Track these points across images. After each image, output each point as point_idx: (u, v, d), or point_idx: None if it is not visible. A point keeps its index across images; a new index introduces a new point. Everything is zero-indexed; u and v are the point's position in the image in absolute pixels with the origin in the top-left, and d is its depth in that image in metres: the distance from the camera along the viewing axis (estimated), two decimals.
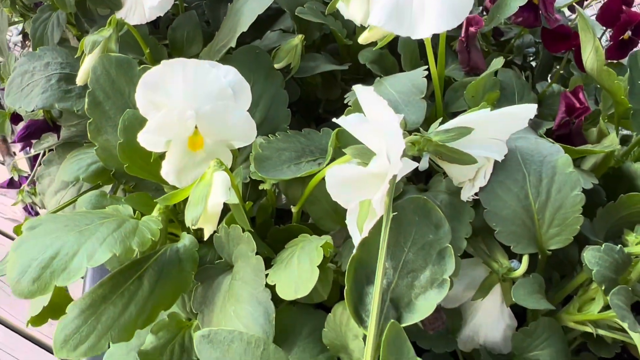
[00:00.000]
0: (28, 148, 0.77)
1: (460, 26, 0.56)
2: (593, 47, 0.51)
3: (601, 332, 0.44)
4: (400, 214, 0.38)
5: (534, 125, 0.56)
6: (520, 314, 0.49)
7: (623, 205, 0.47)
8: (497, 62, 0.50)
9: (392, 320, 0.33)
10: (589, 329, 0.44)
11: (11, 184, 0.74)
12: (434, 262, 0.38)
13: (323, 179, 0.42)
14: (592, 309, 0.43)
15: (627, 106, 0.54)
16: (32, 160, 0.73)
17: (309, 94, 0.64)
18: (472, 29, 0.54)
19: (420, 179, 0.53)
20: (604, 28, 0.71)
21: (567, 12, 0.75)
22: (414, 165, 0.40)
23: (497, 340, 0.46)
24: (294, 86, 0.58)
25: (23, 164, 1.05)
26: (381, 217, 0.37)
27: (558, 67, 0.67)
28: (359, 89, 0.39)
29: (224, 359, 0.35)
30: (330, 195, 0.40)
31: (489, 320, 0.45)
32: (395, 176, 0.37)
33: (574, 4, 0.54)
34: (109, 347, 0.41)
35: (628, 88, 0.55)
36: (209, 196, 0.38)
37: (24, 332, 1.82)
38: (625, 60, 0.69)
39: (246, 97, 0.43)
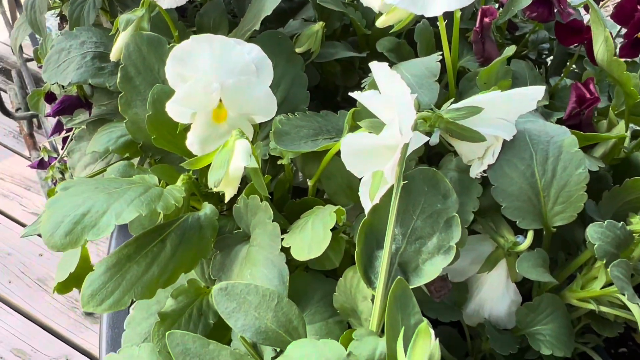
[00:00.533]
0: (57, 134, 0.81)
1: (475, 17, 0.59)
2: (604, 38, 0.53)
3: (603, 308, 0.45)
4: (410, 184, 0.41)
5: (545, 115, 0.58)
6: (525, 295, 0.50)
7: (628, 189, 0.49)
8: (509, 50, 0.52)
9: (399, 277, 0.35)
10: (591, 306, 0.45)
11: (41, 164, 0.78)
12: (441, 230, 0.40)
13: (338, 154, 0.45)
14: (594, 286, 0.45)
15: (637, 97, 0.56)
16: (62, 142, 0.76)
17: (328, 82, 0.66)
18: (486, 20, 0.56)
19: (432, 163, 0.55)
20: (619, 27, 0.73)
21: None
22: (425, 139, 0.42)
23: (502, 315, 0.47)
24: (314, 71, 0.61)
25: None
26: (392, 186, 0.39)
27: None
28: (374, 65, 0.42)
29: (240, 310, 0.37)
30: (345, 167, 0.42)
31: (494, 295, 0.47)
32: (406, 146, 0.39)
33: (589, 1, 0.56)
34: (131, 303, 0.44)
35: None
36: (231, 161, 0.41)
37: (41, 323, 1.87)
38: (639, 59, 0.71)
39: (268, 74, 0.46)
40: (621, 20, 0.70)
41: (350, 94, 0.42)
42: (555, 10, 0.63)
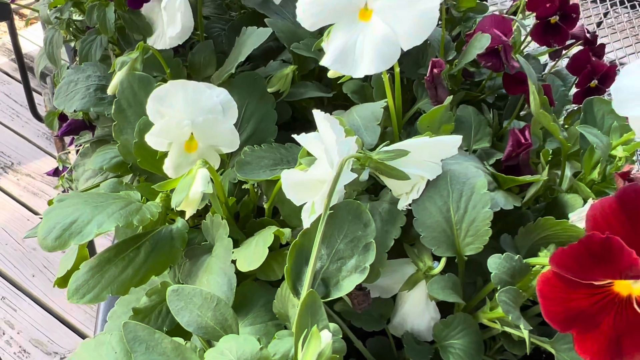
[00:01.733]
0: (73, 146, 0.91)
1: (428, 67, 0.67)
2: (533, 93, 0.60)
3: (506, 329, 0.52)
4: (337, 213, 0.49)
5: (488, 155, 0.66)
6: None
7: (541, 227, 0.55)
8: (448, 99, 0.60)
9: (310, 290, 0.43)
10: (497, 326, 0.53)
11: (56, 172, 0.88)
12: (360, 253, 0.48)
13: None
14: (499, 308, 0.52)
15: (567, 147, 0.63)
16: (75, 154, 0.87)
17: (304, 115, 0.75)
18: (435, 71, 0.64)
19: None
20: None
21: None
22: (353, 176, 0.50)
23: (422, 329, 0.55)
24: (287, 107, 0.69)
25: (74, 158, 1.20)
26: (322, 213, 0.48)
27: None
28: (315, 112, 0.50)
29: (186, 309, 0.46)
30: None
31: (416, 311, 0.54)
32: (335, 181, 0.48)
33: (516, 56, 0.63)
34: (109, 297, 0.53)
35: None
36: (192, 186, 0.50)
37: (60, 316, 1.99)
38: None
39: (233, 113, 0.55)
40: (574, 71, 0.77)
41: (293, 135, 0.50)
42: None
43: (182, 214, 0.61)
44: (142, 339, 0.43)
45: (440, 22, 0.72)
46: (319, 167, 0.47)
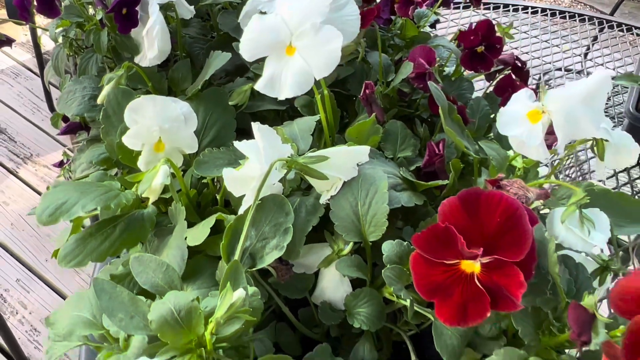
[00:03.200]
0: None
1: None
2: (441, 114, 0.73)
3: (400, 300, 0.65)
4: (265, 203, 0.62)
5: (410, 162, 0.79)
6: None
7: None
8: (372, 117, 0.73)
9: (235, 259, 0.57)
10: (394, 298, 0.66)
11: (61, 164, 1.04)
12: (280, 235, 0.62)
13: None
14: None
15: (476, 156, 0.76)
16: None
17: (263, 123, 0.89)
18: (367, 91, 0.78)
19: None
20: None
21: None
22: (280, 175, 0.64)
23: (337, 300, 0.68)
24: (247, 117, 0.83)
25: None
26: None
27: None
28: (253, 124, 0.64)
29: (144, 272, 0.60)
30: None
31: (332, 285, 0.68)
32: (265, 178, 0.61)
33: (430, 82, 0.76)
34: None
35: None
36: (154, 178, 0.64)
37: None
38: None
39: (193, 122, 0.69)
40: (499, 93, 0.90)
41: (234, 142, 0.64)
42: None
43: (157, 200, 0.76)
44: (107, 290, 0.57)
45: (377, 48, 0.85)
46: (249, 167, 0.61)
